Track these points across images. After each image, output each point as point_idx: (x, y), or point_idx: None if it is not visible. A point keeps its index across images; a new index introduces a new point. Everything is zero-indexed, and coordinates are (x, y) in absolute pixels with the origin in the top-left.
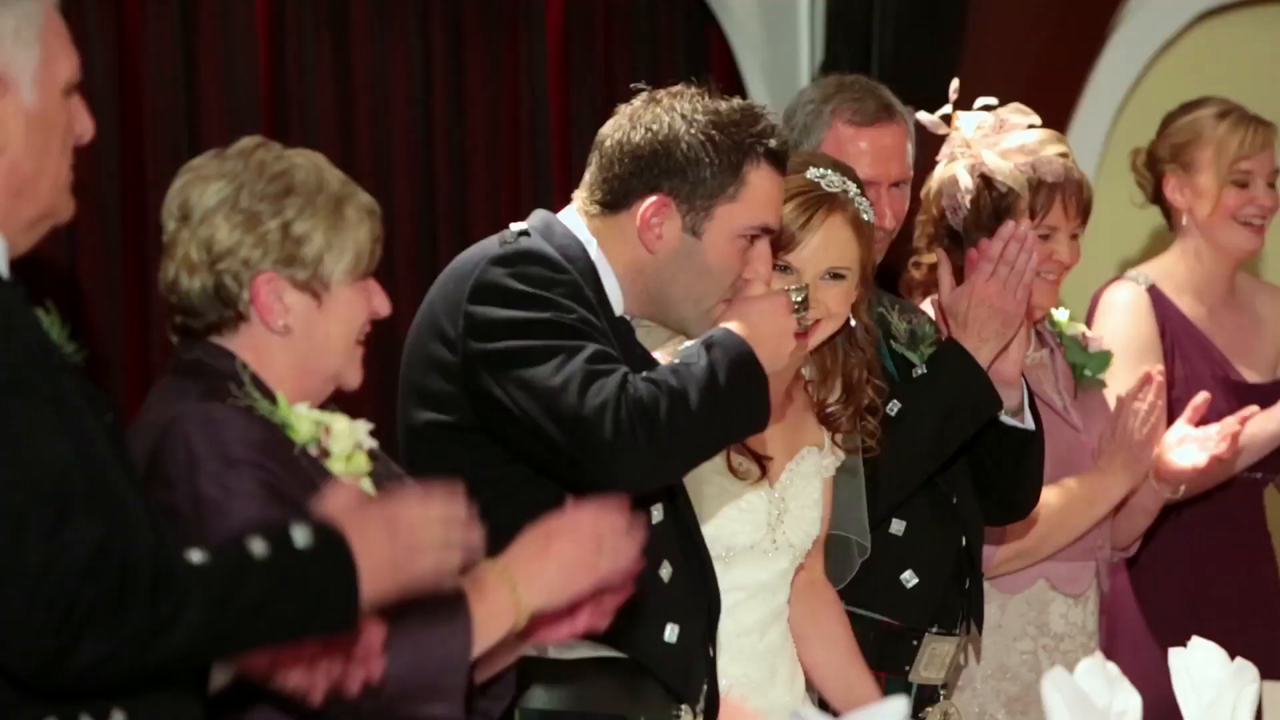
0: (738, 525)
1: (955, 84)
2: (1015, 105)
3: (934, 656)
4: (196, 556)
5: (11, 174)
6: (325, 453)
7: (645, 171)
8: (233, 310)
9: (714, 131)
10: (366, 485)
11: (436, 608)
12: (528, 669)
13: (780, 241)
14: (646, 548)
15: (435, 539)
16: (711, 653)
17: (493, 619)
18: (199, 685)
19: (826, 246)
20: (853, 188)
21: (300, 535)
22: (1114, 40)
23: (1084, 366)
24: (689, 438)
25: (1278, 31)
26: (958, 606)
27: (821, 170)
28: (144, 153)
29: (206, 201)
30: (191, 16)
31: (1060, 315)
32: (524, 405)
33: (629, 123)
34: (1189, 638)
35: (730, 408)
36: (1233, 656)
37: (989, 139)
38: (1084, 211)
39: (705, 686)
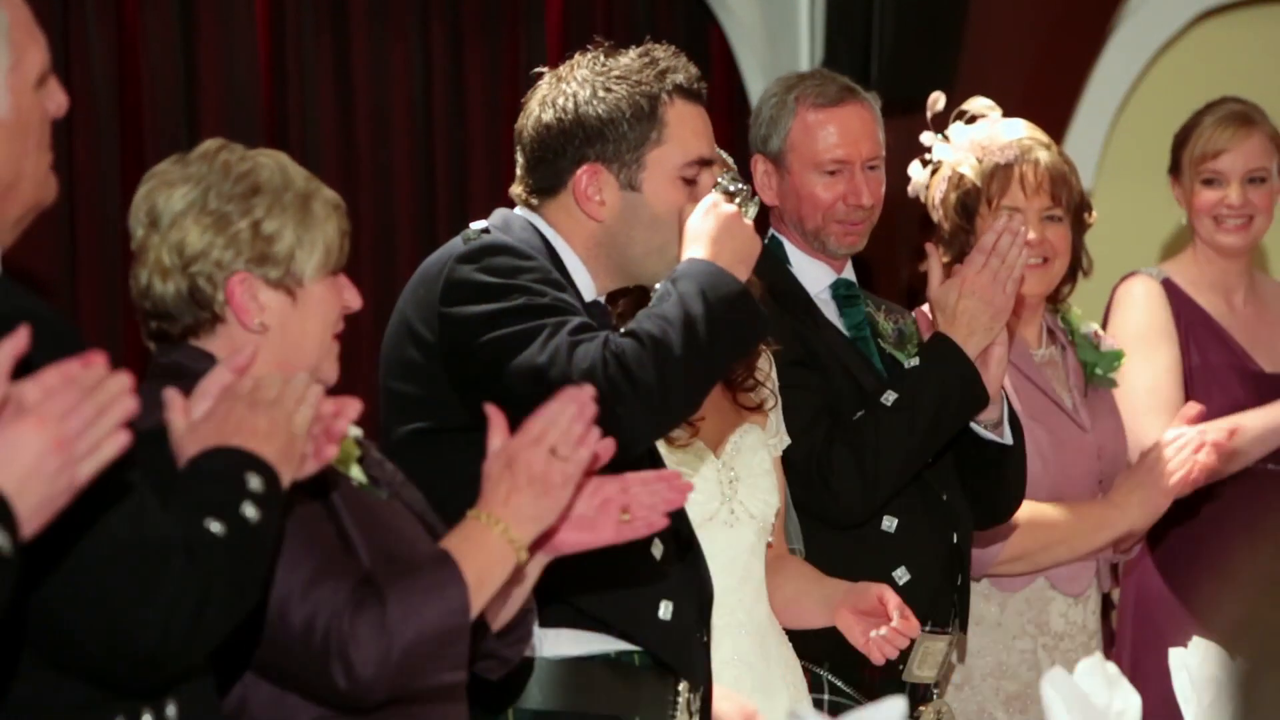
0: (692, 496)
1: (935, 99)
2: (981, 99)
3: (927, 655)
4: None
5: None
6: None
7: (567, 146)
8: (208, 312)
9: (618, 85)
10: (357, 473)
11: (426, 578)
12: (522, 669)
13: None
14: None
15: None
16: (705, 638)
17: (491, 568)
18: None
19: None
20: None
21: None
22: (1114, 40)
23: (1095, 365)
24: (682, 377)
25: (1278, 31)
26: (949, 604)
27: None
28: (144, 153)
29: (174, 206)
30: (191, 16)
31: (1073, 312)
32: (520, 391)
33: (538, 107)
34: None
35: (716, 332)
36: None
37: (952, 141)
38: (1054, 189)
39: (702, 675)
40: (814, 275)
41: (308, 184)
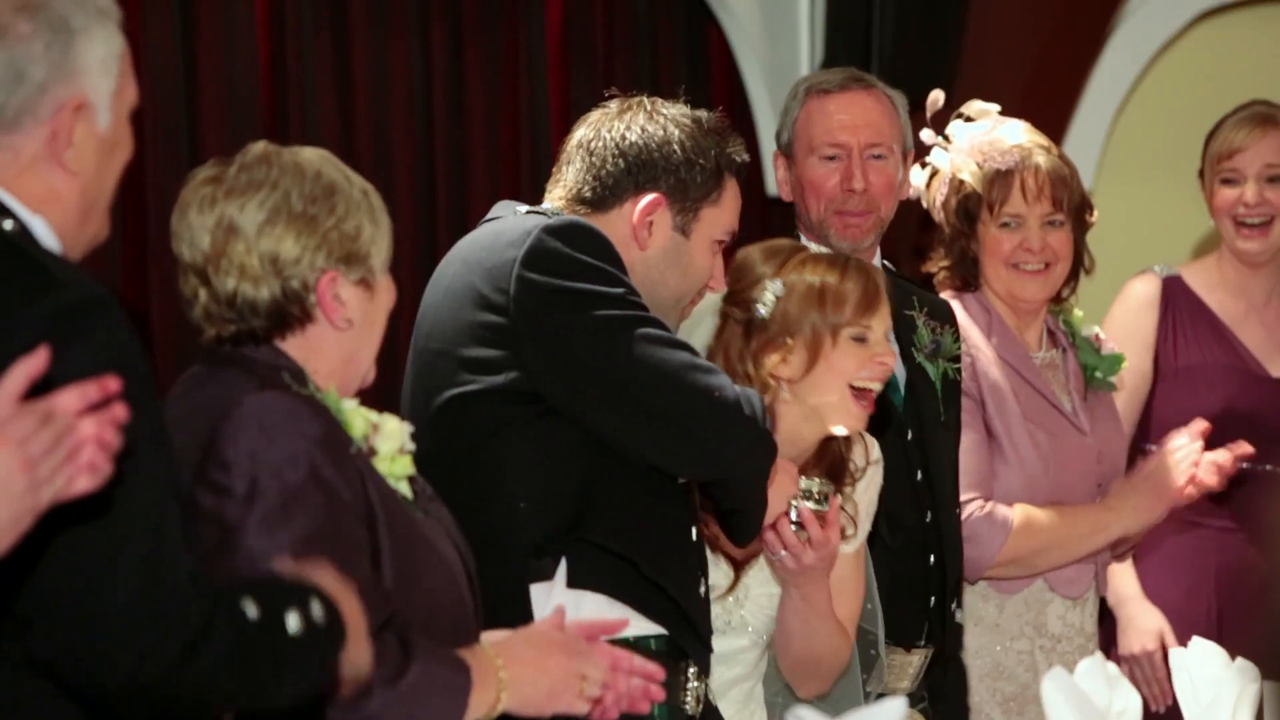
0: None
1: (935, 98)
2: (980, 103)
3: (893, 667)
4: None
5: (83, 196)
6: (373, 451)
7: (642, 170)
8: (298, 309)
9: (704, 138)
10: (404, 489)
11: (447, 674)
12: None
13: (856, 311)
14: (681, 509)
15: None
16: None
17: (477, 707)
18: None
19: (888, 309)
20: None
21: (293, 621)
22: (1114, 40)
23: (1095, 368)
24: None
25: (1278, 31)
26: (920, 625)
27: (813, 246)
28: (144, 153)
29: (255, 214)
30: (191, 16)
31: (1075, 314)
32: (630, 377)
33: (622, 123)
34: (1198, 632)
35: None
36: (1244, 653)
37: (952, 142)
38: (1055, 195)
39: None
40: None
41: (360, 179)
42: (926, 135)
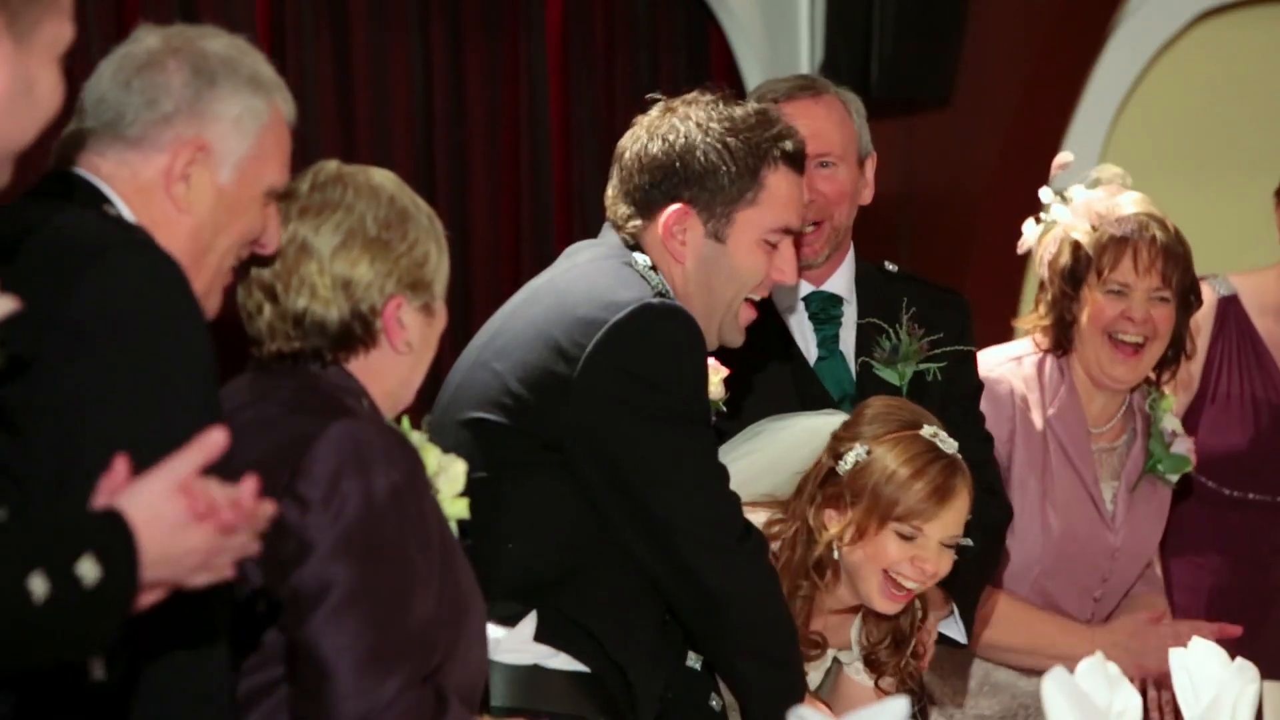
0: None
1: (1064, 159)
2: (1110, 169)
3: None
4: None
5: (195, 239)
6: (435, 489)
7: (664, 181)
8: (363, 332)
9: (730, 138)
10: (454, 529)
11: None
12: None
13: (910, 513)
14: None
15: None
16: (670, 694)
17: None
18: None
19: (956, 519)
20: (952, 445)
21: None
22: (1114, 40)
23: (1158, 461)
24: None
25: (1278, 31)
26: None
27: (933, 429)
28: None
29: (330, 236)
30: (191, 17)
31: (1164, 402)
32: (649, 486)
33: (646, 134)
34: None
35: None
36: (1249, 654)
37: (1072, 203)
38: (1165, 270)
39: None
40: (787, 288)
41: (424, 204)
42: (1044, 194)
